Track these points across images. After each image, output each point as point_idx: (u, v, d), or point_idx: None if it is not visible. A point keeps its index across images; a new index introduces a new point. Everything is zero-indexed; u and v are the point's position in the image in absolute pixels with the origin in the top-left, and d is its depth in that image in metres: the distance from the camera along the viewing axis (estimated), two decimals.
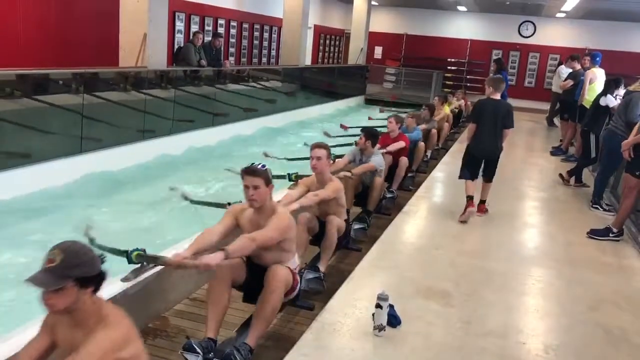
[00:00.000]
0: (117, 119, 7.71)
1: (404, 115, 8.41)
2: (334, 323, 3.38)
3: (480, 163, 5.86)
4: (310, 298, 4.14)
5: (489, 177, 5.92)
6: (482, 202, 5.91)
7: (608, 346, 3.43)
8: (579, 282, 4.38)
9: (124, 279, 3.67)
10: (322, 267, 4.44)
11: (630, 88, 6.22)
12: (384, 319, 3.24)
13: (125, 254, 3.72)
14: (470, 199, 5.61)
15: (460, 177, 5.87)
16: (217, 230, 3.41)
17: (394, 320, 3.36)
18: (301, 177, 5.64)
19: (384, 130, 7.35)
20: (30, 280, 1.96)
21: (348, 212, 5.17)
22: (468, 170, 5.81)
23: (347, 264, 4.86)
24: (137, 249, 3.73)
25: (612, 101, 7.08)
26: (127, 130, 7.89)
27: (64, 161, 6.75)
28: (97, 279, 2.08)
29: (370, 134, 6.11)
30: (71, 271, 1.99)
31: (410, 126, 8.61)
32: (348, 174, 5.48)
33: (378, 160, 6.05)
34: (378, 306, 3.22)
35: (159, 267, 3.70)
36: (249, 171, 3.34)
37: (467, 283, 4.16)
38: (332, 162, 5.15)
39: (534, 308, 3.89)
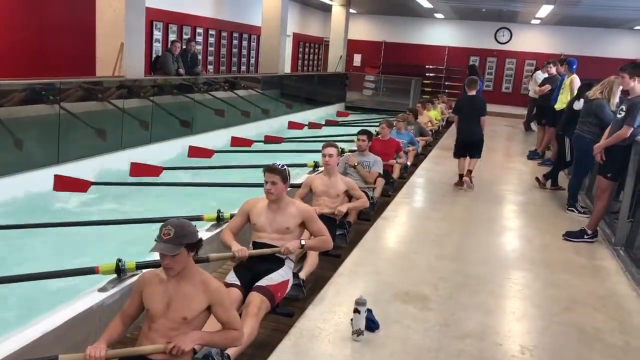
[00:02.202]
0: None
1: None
2: (313, 329, 3.39)
3: (467, 145, 7.43)
4: (290, 305, 4.15)
5: (473, 155, 7.45)
6: (469, 171, 7.43)
7: (583, 346, 3.48)
8: (555, 284, 4.45)
9: (101, 290, 3.66)
10: (302, 275, 4.45)
11: (590, 95, 6.33)
12: (362, 324, 3.26)
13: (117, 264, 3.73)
14: (460, 176, 7.42)
15: (454, 157, 7.61)
16: (235, 228, 3.98)
17: (372, 324, 3.39)
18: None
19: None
20: (155, 249, 2.62)
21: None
22: (459, 151, 7.52)
23: (327, 270, 4.85)
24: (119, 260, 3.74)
25: None
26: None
27: None
28: (198, 245, 2.74)
29: (371, 134, 6.62)
30: (183, 239, 2.64)
31: (401, 129, 8.80)
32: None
33: (378, 160, 6.49)
34: (356, 311, 3.24)
35: (135, 277, 3.68)
36: (270, 169, 3.86)
37: (445, 286, 4.20)
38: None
39: (511, 310, 3.94)
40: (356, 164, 6.36)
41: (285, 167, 3.93)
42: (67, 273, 3.79)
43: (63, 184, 5.98)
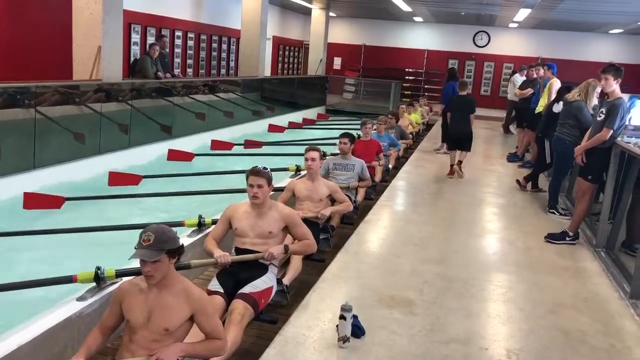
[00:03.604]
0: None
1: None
2: (298, 336, 3.34)
3: (458, 140, 8.46)
4: (274, 311, 4.10)
5: (463, 148, 8.50)
6: (460, 162, 8.43)
7: (568, 349, 3.48)
8: (539, 286, 4.45)
9: (80, 299, 3.57)
10: (286, 281, 4.39)
11: (569, 98, 6.40)
12: (348, 330, 3.22)
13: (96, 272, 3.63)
14: (452, 166, 8.38)
15: (448, 149, 8.92)
16: (218, 235, 3.91)
17: (358, 330, 3.35)
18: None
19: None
20: (135, 256, 2.55)
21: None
22: (451, 145, 8.64)
23: (311, 275, 4.81)
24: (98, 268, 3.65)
25: None
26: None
27: None
28: (179, 251, 2.68)
29: (353, 137, 6.62)
30: (164, 245, 2.57)
31: (381, 132, 8.81)
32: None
33: (361, 163, 6.48)
34: (342, 317, 3.20)
35: (116, 286, 3.60)
36: (255, 172, 3.82)
37: (430, 291, 4.18)
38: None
39: (496, 313, 3.93)
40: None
41: (268, 169, 3.91)
42: (43, 282, 3.68)
43: (34, 201, 5.79)
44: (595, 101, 6.18)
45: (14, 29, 8.61)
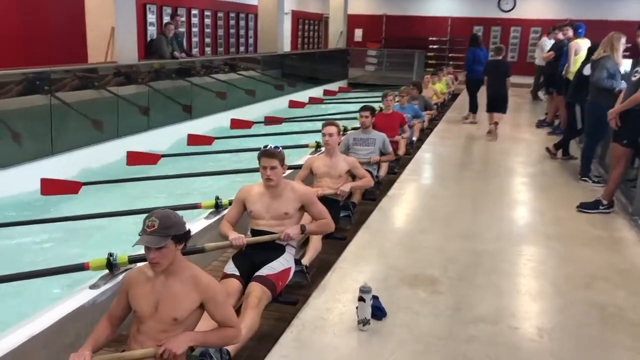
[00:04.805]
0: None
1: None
2: (316, 320, 3.20)
3: (493, 101, 9.02)
4: (293, 292, 3.97)
5: (499, 110, 9.06)
6: (496, 122, 8.92)
7: (604, 326, 3.27)
8: (571, 259, 4.22)
9: (93, 286, 3.48)
10: (305, 261, 4.25)
11: (594, 57, 6.10)
12: (367, 313, 3.06)
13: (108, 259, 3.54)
14: (490, 123, 8.93)
15: (487, 111, 9.14)
16: (232, 218, 3.76)
17: (378, 312, 3.19)
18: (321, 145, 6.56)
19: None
20: (139, 242, 2.41)
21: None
22: (490, 108, 9.10)
23: (332, 254, 4.64)
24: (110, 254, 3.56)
25: None
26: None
27: None
28: (186, 237, 2.52)
29: (374, 110, 6.36)
30: (169, 230, 2.43)
31: (404, 104, 8.55)
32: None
33: (382, 137, 6.23)
34: (361, 299, 3.04)
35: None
36: (267, 153, 3.61)
37: (456, 267, 3.98)
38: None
39: (526, 289, 3.73)
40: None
41: (280, 148, 3.72)
42: (55, 271, 3.60)
43: (51, 187, 5.73)
44: (621, 53, 5.87)
45: (25, 14, 8.53)
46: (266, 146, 3.71)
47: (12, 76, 6.55)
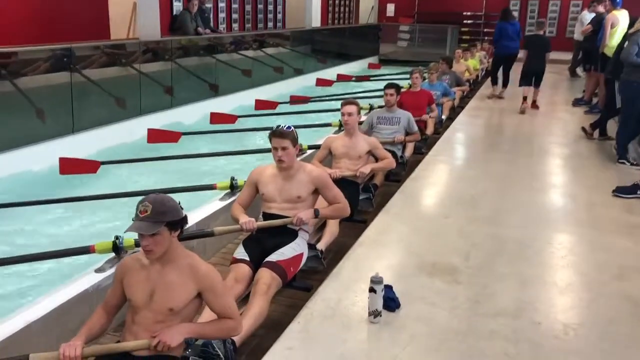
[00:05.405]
0: None
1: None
2: (325, 310, 3.04)
3: (532, 76, 9.04)
4: (309, 277, 3.82)
5: (537, 85, 9.13)
6: (534, 102, 9.12)
7: (637, 322, 3.02)
8: (604, 248, 3.95)
9: (99, 270, 3.39)
10: (321, 246, 4.08)
11: (630, 31, 5.73)
12: (379, 304, 2.89)
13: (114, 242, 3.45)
14: (525, 99, 8.93)
15: (520, 86, 9.14)
16: (244, 201, 3.65)
17: (391, 303, 3.01)
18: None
19: None
20: (131, 229, 2.29)
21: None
22: (524, 82, 9.08)
23: (350, 237, 4.46)
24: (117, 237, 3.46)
25: None
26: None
27: None
28: (182, 223, 2.38)
29: (399, 88, 6.15)
30: (163, 217, 2.29)
31: (433, 80, 8.24)
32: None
33: (407, 116, 6.02)
34: (372, 290, 2.86)
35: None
36: (278, 133, 3.46)
37: (477, 255, 3.77)
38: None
39: (552, 280, 3.49)
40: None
41: (292, 128, 3.55)
42: (60, 254, 3.52)
43: (69, 166, 5.68)
44: None
45: None
46: (278, 126, 3.57)
47: (33, 53, 6.48)
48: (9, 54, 6.16)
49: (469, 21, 20.14)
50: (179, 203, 2.43)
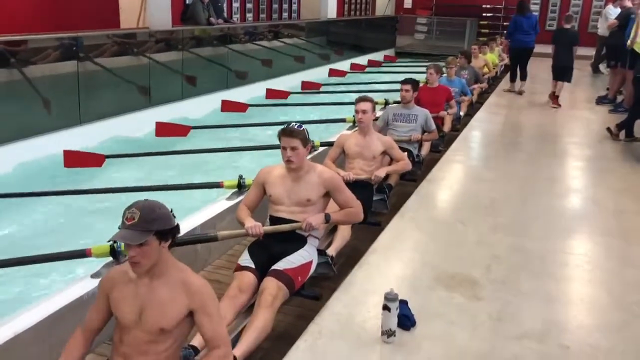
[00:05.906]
0: None
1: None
2: (335, 326, 2.83)
3: (560, 69, 9.02)
4: (318, 285, 3.62)
5: (563, 79, 9.02)
6: (556, 96, 8.97)
7: None
8: (635, 262, 3.70)
9: (95, 275, 3.20)
10: (332, 251, 3.87)
11: None
12: (393, 323, 2.66)
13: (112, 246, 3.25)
14: (553, 93, 9.01)
15: (553, 79, 9.12)
16: (251, 202, 3.45)
17: (406, 321, 2.79)
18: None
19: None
20: (116, 238, 2.12)
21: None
22: (554, 76, 9.12)
23: (363, 241, 4.24)
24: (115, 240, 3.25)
25: None
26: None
27: None
28: (173, 232, 2.17)
29: (416, 83, 5.87)
30: (151, 225, 2.08)
31: (451, 76, 7.96)
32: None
33: (424, 113, 5.76)
34: (385, 308, 2.64)
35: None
36: (287, 132, 3.27)
37: (499, 267, 3.53)
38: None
39: (579, 298, 3.25)
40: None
41: (303, 126, 3.33)
42: (54, 257, 3.34)
43: (74, 159, 5.53)
44: None
45: None
46: (289, 124, 3.37)
47: (42, 41, 6.32)
48: (16, 42, 5.99)
49: (488, 14, 19.73)
50: (171, 211, 2.20)
